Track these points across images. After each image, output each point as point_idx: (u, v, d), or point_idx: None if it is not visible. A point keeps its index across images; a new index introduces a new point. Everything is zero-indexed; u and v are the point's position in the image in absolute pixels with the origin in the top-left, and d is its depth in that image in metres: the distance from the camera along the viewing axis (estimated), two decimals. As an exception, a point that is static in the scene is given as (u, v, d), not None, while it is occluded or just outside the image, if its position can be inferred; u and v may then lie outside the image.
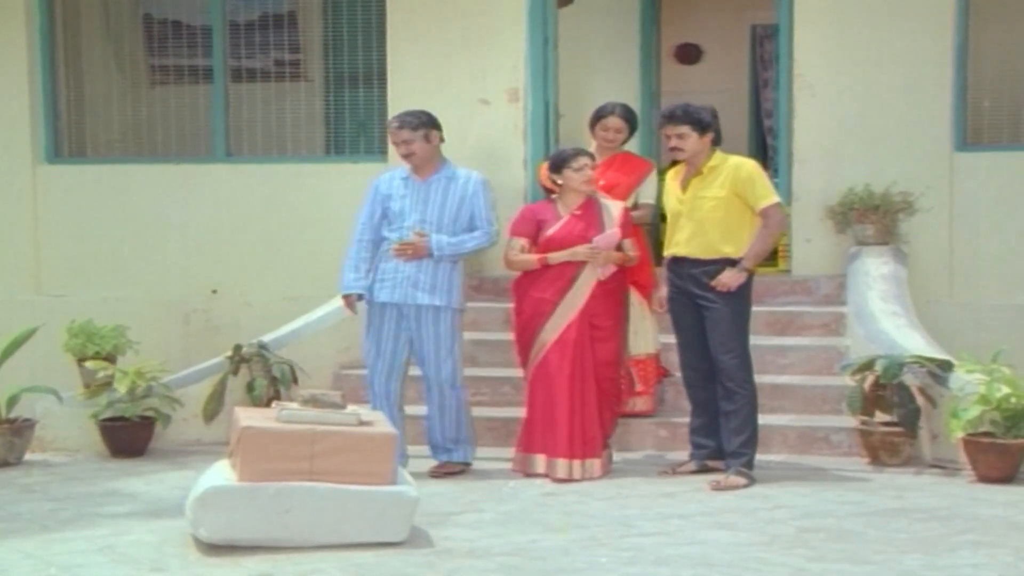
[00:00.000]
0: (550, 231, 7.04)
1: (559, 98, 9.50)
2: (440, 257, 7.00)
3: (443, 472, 7.08)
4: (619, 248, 7.02)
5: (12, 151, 9.96)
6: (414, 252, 6.99)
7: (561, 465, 6.92)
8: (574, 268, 6.98)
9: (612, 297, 7.05)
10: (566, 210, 7.08)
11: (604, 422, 7.04)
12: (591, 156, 7.12)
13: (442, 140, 7.20)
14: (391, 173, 7.31)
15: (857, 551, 5.46)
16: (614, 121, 7.66)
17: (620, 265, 7.04)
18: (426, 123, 7.09)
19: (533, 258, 7.02)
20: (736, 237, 6.73)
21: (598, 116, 7.71)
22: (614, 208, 7.12)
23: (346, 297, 7.19)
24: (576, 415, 6.92)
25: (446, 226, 7.05)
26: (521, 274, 7.12)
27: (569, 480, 6.85)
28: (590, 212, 7.06)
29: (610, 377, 7.05)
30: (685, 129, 6.74)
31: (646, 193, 7.68)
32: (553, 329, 6.97)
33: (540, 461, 6.97)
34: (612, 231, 6.99)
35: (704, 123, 6.75)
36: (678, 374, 7.23)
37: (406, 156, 7.13)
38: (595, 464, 6.95)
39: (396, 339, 7.09)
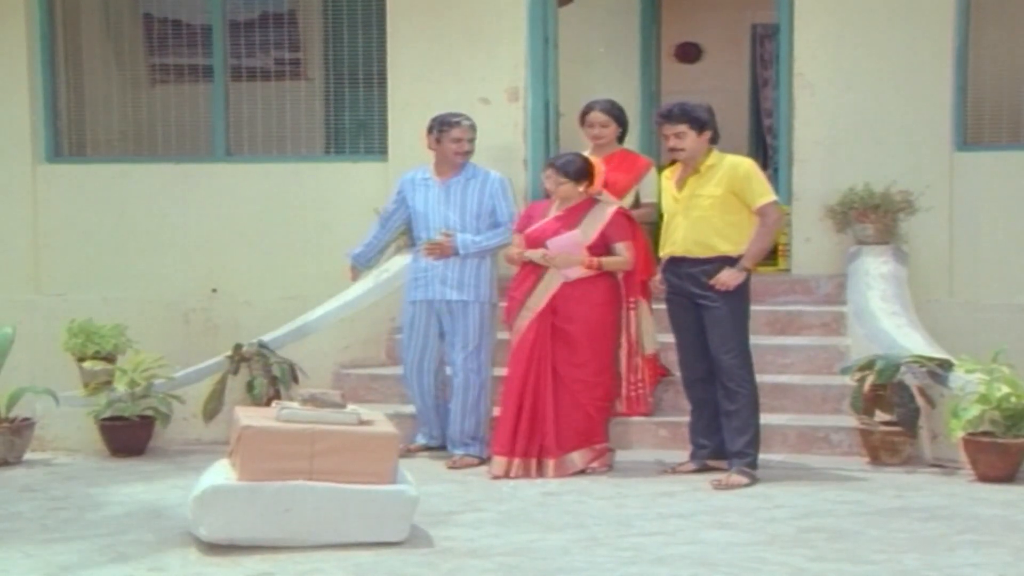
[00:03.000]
0: (530, 229, 7.13)
1: (559, 98, 9.49)
2: (466, 255, 7.27)
3: (462, 464, 7.20)
4: (609, 252, 6.99)
5: (12, 151, 9.94)
6: (441, 251, 7.29)
7: (498, 462, 6.95)
8: (540, 268, 7.02)
9: (587, 302, 6.98)
10: (556, 210, 7.10)
11: (574, 423, 6.97)
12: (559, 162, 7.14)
13: None
14: (412, 174, 7.57)
15: (857, 551, 5.46)
16: (596, 116, 7.70)
17: (590, 268, 6.95)
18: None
19: (512, 252, 7.17)
20: (733, 236, 6.72)
21: (583, 114, 7.77)
22: (603, 211, 7.05)
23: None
24: (524, 414, 6.93)
25: (469, 225, 7.32)
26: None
27: (505, 477, 6.87)
28: (575, 214, 7.05)
29: (581, 379, 6.98)
30: (683, 128, 6.73)
31: (648, 191, 7.68)
32: (517, 329, 7.06)
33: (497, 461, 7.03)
34: (569, 234, 6.97)
35: (701, 121, 6.74)
36: (678, 374, 7.23)
37: (463, 154, 7.39)
38: (548, 464, 6.91)
39: (427, 335, 7.40)
